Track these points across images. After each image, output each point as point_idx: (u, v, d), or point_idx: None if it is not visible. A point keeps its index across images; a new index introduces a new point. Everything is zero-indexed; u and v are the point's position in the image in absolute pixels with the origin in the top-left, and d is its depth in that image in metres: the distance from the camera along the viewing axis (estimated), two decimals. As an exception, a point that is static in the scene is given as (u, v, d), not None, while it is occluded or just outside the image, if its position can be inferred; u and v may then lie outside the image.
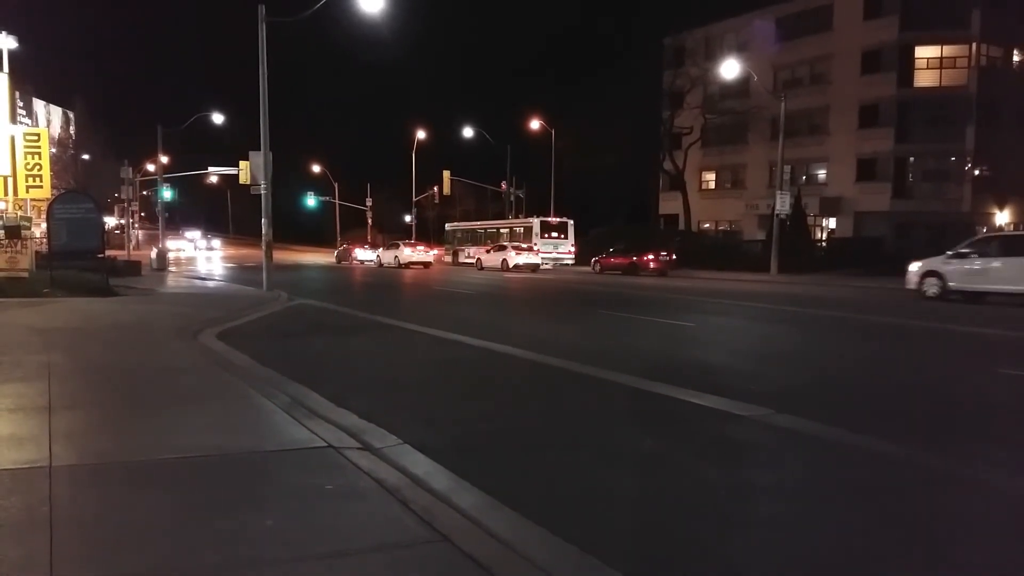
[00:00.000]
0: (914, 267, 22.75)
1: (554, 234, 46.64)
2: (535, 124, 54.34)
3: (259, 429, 6.06)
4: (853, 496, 5.07)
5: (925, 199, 44.94)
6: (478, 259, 45.58)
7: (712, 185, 58.17)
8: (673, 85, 52.35)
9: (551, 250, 45.28)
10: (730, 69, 38.81)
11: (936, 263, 21.86)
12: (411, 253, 46.52)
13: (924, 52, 45.47)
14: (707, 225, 57.00)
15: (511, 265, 41.52)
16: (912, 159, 46.86)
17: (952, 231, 40.09)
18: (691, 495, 5.04)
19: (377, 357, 11.05)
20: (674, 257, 39.11)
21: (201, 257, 63.17)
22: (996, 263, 20.39)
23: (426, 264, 46.39)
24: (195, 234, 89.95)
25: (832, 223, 49.61)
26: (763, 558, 4.11)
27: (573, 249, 46.37)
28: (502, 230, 51.08)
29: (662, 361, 10.43)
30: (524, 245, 43.91)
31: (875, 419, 7.28)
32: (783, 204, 35.12)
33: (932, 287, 21.70)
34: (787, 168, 39.62)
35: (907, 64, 45.57)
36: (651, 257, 37.91)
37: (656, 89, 52.56)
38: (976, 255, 20.94)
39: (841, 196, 48.23)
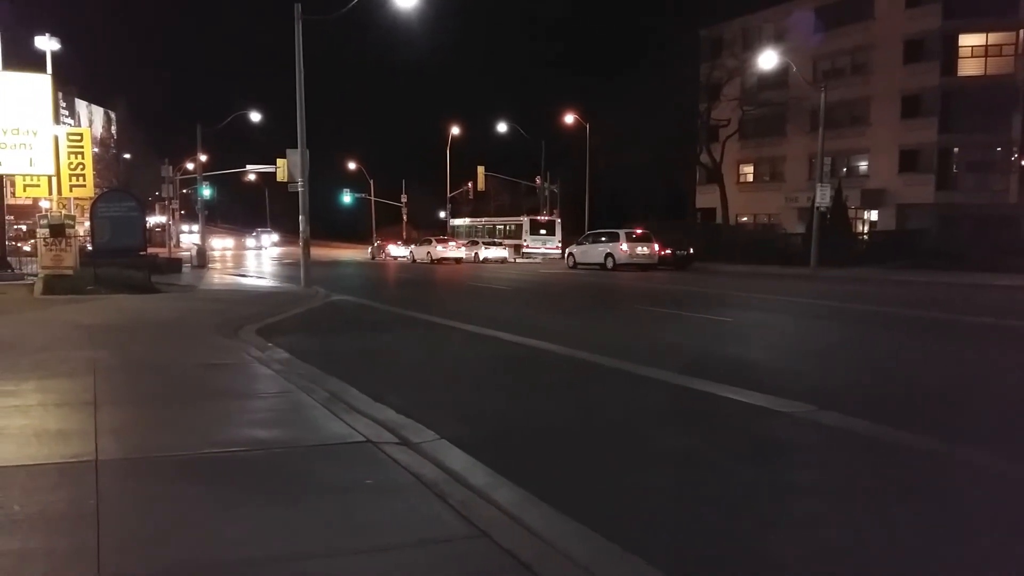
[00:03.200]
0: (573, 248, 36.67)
1: (543, 231, 51.65)
2: (569, 118, 54.13)
3: (299, 424, 6.12)
4: (900, 495, 4.96)
5: (970, 191, 43.87)
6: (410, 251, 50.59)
7: (750, 178, 57.42)
8: (710, 77, 51.70)
9: (540, 245, 50.41)
10: (768, 60, 38.20)
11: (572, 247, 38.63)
12: (443, 249, 47.60)
13: (968, 40, 44.34)
14: (745, 219, 56.27)
15: (435, 258, 45.99)
16: (956, 150, 45.78)
17: (998, 223, 39.13)
18: (732, 493, 4.97)
19: (413, 353, 11.10)
20: (691, 251, 38.43)
21: (247, 255, 63.33)
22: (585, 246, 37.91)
23: (457, 260, 47.07)
24: (268, 237, 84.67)
25: (874, 216, 48.66)
26: (807, 558, 4.03)
27: (559, 245, 50.33)
28: (498, 226, 55.59)
29: (698, 356, 10.32)
30: (447, 239, 50.35)
31: (921, 416, 7.12)
32: (823, 197, 34.49)
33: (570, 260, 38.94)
34: (827, 160, 38.95)
35: (951, 52, 44.47)
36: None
37: (692, 81, 51.94)
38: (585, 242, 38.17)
39: (883, 188, 47.30)
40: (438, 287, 27.37)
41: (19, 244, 31.66)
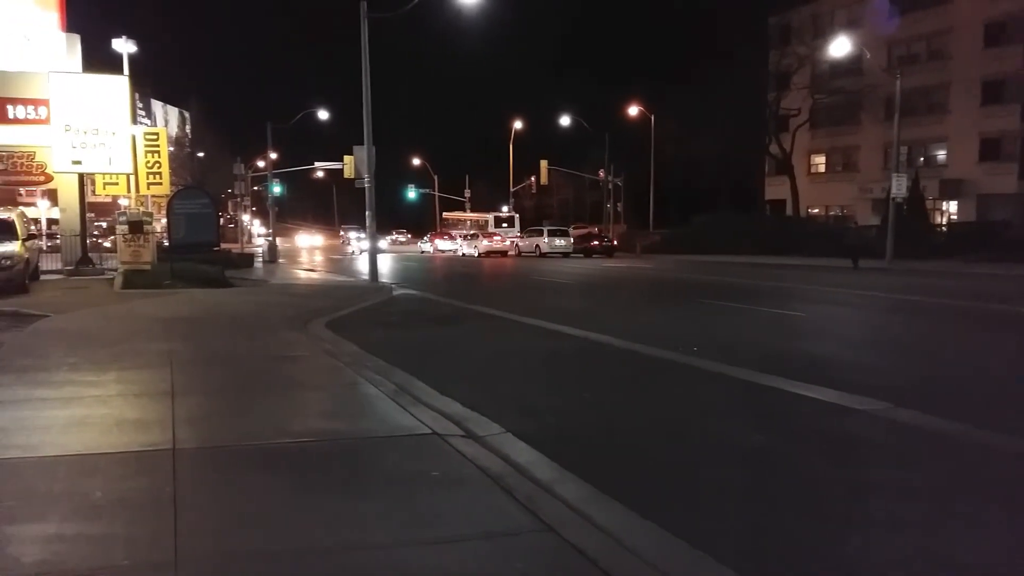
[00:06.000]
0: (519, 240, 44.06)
1: (504, 225, 57.77)
2: (634, 110, 53.53)
3: (367, 415, 6.20)
4: (986, 498, 4.76)
5: (1056, 180, 41.83)
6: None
7: (822, 169, 55.89)
8: (779, 65, 50.47)
9: (502, 236, 53.67)
10: (841, 47, 37.04)
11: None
12: (489, 243, 49.17)
13: (1055, 21, 42.24)
14: (816, 210, 54.82)
15: (482, 251, 47.96)
16: (1041, 137, 43.66)
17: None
18: (806, 492, 4.84)
19: (476, 345, 11.13)
20: (615, 242, 45.02)
21: (311, 250, 63.35)
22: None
23: (503, 253, 48.14)
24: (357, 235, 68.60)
25: (953, 207, 46.84)
26: (883, 560, 3.89)
27: (503, 235, 54.34)
28: (470, 221, 62.80)
29: (768, 352, 10.09)
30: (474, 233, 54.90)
31: (1003, 416, 6.81)
32: (899, 187, 33.32)
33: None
34: (903, 149, 37.63)
35: (1036, 35, 42.43)
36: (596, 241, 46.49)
37: (761, 70, 50.83)
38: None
39: (962, 178, 45.46)
40: (491, 280, 27.44)
41: (100, 240, 32.97)
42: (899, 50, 48.23)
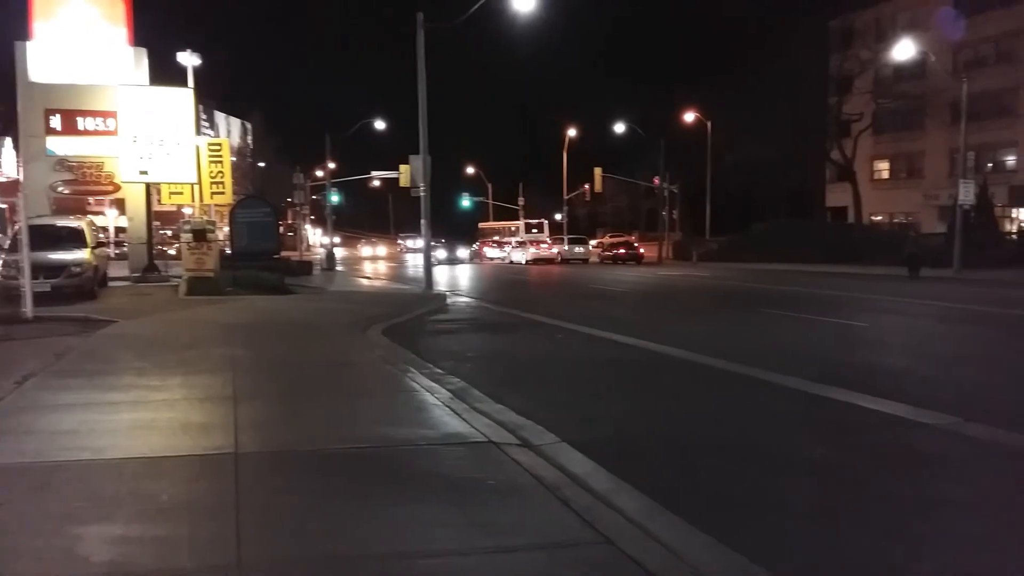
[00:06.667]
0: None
1: (534, 231, 60.63)
2: (690, 116, 52.95)
3: (423, 422, 6.23)
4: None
5: None
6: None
7: (885, 175, 54.49)
8: (841, 69, 49.38)
9: (549, 244, 54.81)
10: (905, 50, 36.07)
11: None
12: (536, 251, 50.15)
13: None
14: (879, 218, 53.43)
15: (529, 259, 48.88)
16: (1119, 141, 41.88)
17: None
18: (871, 509, 4.69)
19: (530, 354, 11.11)
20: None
21: (369, 259, 62.54)
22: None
23: (550, 261, 48.72)
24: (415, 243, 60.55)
25: (1023, 214, 45.20)
26: (957, 580, 3.74)
27: (550, 242, 55.93)
28: (503, 230, 67.75)
29: (830, 363, 9.85)
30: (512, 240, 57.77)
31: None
32: (966, 194, 32.24)
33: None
34: (970, 155, 36.42)
35: (1114, 35, 40.76)
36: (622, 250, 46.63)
37: (821, 75, 49.80)
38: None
39: (1033, 184, 43.84)
40: (542, 288, 27.38)
41: (165, 248, 33.95)
42: (966, 53, 46.76)
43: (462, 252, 53.25)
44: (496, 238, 63.47)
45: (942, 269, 30.75)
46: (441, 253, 48.49)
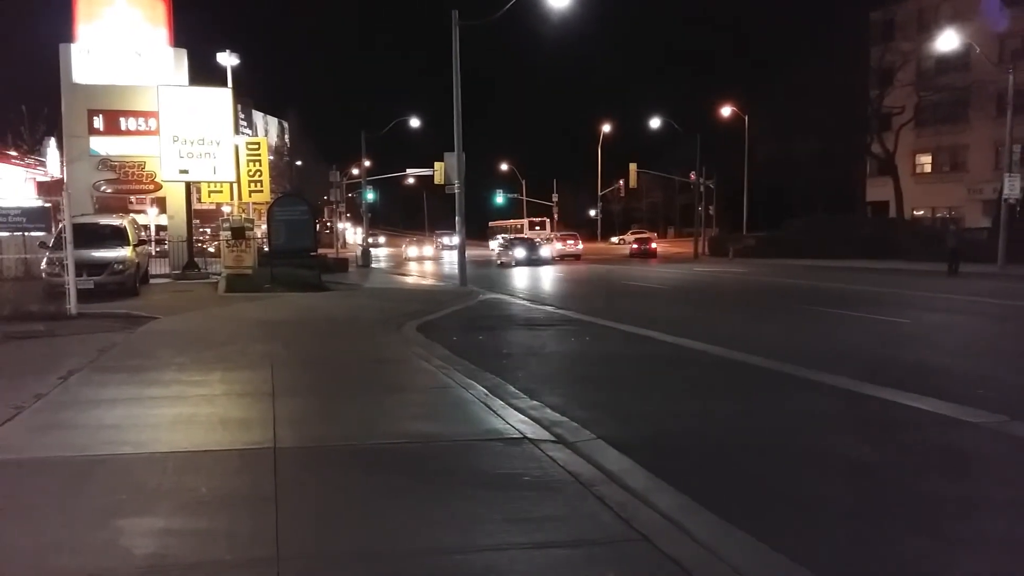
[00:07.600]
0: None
1: (537, 228, 66.10)
2: (727, 111, 52.38)
3: (458, 418, 6.25)
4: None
5: None
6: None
7: (927, 169, 53.31)
8: (882, 61, 48.40)
9: (575, 240, 55.64)
10: (948, 41, 35.26)
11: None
12: (562, 247, 51.05)
13: None
14: (921, 212, 52.34)
15: (555, 255, 47.24)
16: None
17: None
18: (913, 508, 4.60)
19: (565, 350, 11.08)
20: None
21: (408, 255, 58.72)
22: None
23: (576, 256, 49.60)
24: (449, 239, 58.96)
25: (1072, 208, 43.92)
26: (1004, 583, 3.65)
27: (553, 236, 58.24)
28: (516, 225, 71.75)
29: (873, 361, 9.67)
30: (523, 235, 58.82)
31: None
32: (1012, 188, 31.45)
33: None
34: (1016, 148, 35.47)
35: None
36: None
37: (861, 67, 48.87)
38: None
39: (1083, 177, 42.58)
40: (573, 284, 27.24)
41: (204, 246, 34.47)
42: (1012, 43, 45.53)
43: (545, 251, 43.35)
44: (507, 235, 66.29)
45: (986, 264, 30.05)
46: (519, 252, 40.70)
